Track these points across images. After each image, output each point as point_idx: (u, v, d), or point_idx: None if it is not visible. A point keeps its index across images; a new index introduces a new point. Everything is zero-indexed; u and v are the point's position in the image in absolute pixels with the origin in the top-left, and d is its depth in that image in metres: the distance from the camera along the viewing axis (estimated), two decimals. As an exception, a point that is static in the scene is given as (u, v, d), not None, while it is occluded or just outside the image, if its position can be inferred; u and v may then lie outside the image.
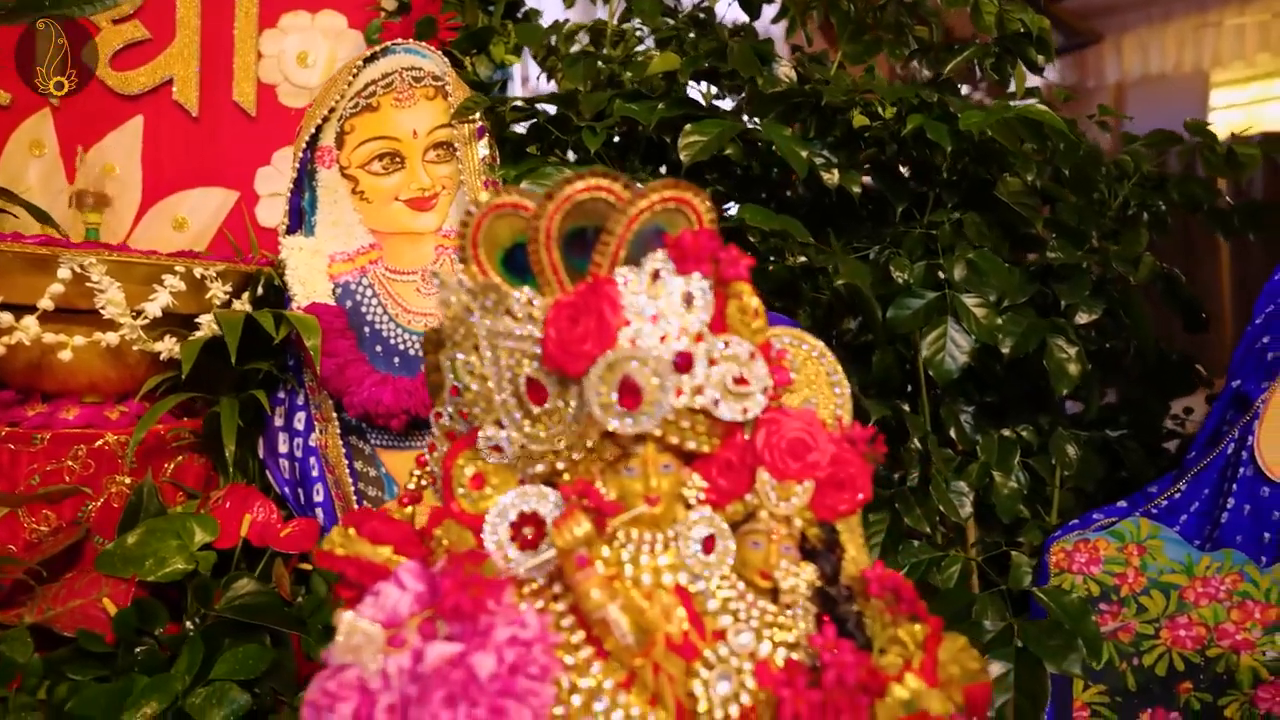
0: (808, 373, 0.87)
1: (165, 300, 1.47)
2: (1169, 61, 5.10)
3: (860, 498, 0.84)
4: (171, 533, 1.47)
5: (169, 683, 1.26)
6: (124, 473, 1.55)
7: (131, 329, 1.46)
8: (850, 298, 1.49)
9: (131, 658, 1.30)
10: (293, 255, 1.56)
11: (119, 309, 1.43)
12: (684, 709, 0.75)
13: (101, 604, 1.34)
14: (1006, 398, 1.76)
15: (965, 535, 1.60)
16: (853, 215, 1.59)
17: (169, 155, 2.04)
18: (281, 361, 1.62)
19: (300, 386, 1.60)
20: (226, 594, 1.43)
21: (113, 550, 1.44)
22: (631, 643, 0.73)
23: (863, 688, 0.76)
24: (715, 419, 0.78)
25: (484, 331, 0.79)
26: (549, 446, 0.78)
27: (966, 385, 1.67)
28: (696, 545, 0.79)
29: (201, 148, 2.05)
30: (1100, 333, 1.85)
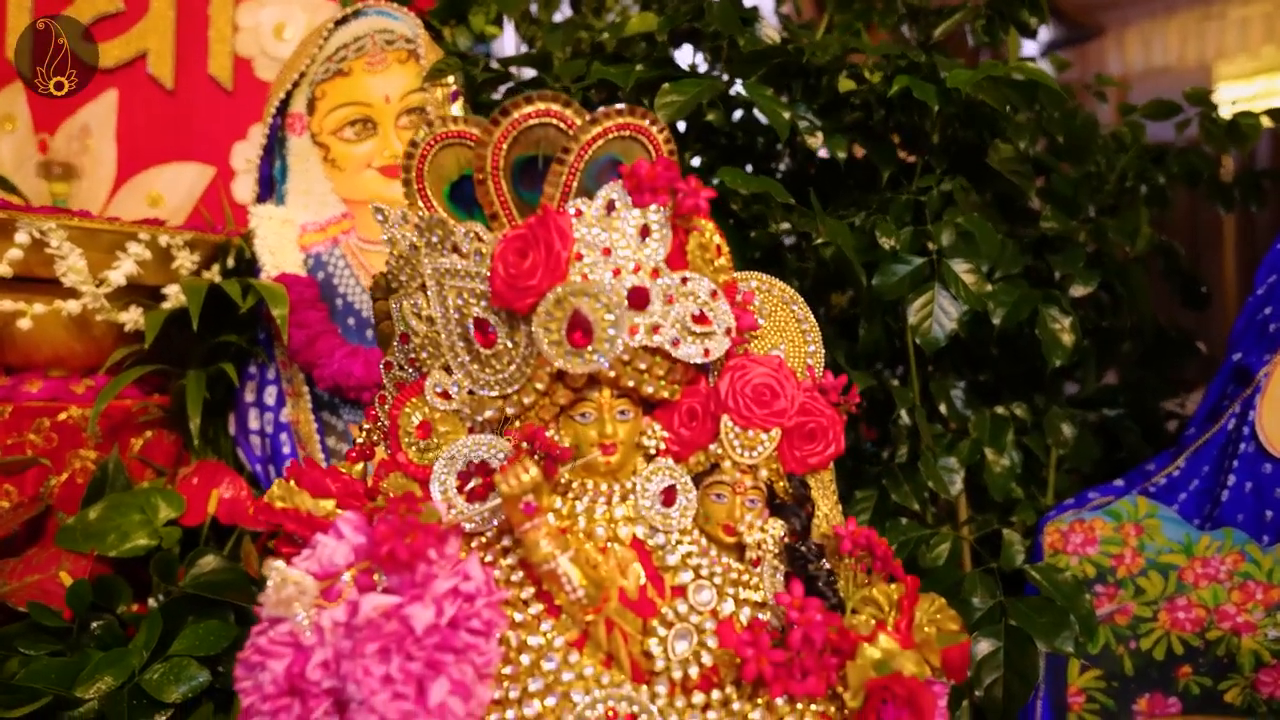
0: (777, 320, 0.82)
1: (129, 269, 1.42)
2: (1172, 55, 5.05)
3: (831, 450, 0.79)
4: (135, 508, 1.42)
5: (125, 658, 1.21)
6: (89, 447, 1.50)
7: (94, 298, 1.41)
8: (836, 268, 1.44)
9: (88, 634, 1.25)
10: (262, 224, 1.52)
11: (80, 276, 1.38)
12: (640, 669, 0.70)
13: (59, 579, 1.29)
14: (1000, 377, 1.71)
15: (956, 514, 1.54)
16: (838, 184, 1.54)
17: (144, 130, 2.00)
18: (252, 335, 1.58)
19: (271, 360, 1.56)
20: (191, 571, 1.38)
21: (73, 525, 1.39)
22: (583, 598, 0.69)
23: (832, 648, 0.71)
24: (675, 362, 0.73)
25: (430, 270, 0.75)
26: (499, 391, 0.73)
27: (958, 361, 1.62)
28: (656, 497, 0.74)
29: (177, 122, 2.00)
30: (1098, 311, 1.80)
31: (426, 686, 0.62)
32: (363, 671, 0.62)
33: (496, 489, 0.67)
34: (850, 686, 0.69)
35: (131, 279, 1.44)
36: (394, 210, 0.76)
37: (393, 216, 0.76)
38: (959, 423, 1.57)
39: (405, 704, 0.61)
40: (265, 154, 1.60)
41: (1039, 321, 1.42)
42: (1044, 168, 1.67)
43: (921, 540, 1.44)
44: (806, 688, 0.68)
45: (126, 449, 1.57)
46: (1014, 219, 1.66)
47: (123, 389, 1.57)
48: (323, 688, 0.66)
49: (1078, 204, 1.60)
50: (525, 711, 0.68)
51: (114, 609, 1.36)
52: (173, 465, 1.61)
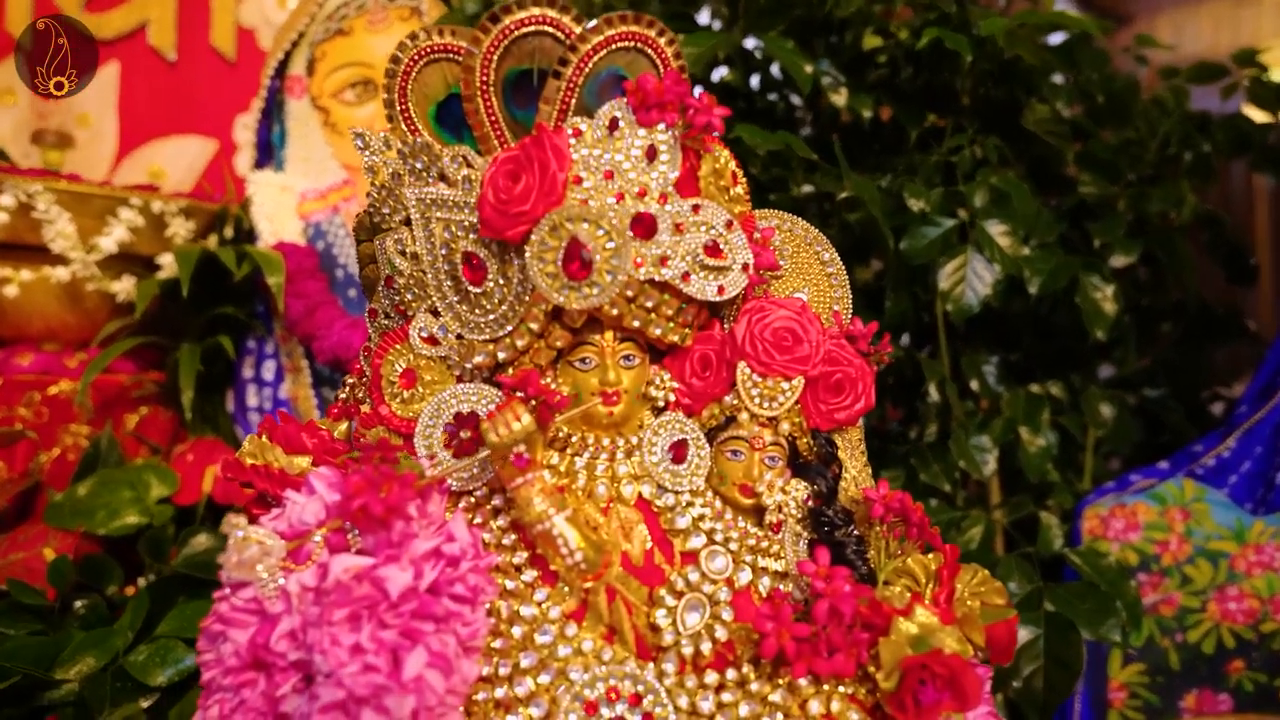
0: (799, 262, 0.74)
1: (121, 236, 1.36)
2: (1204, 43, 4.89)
3: (860, 405, 0.70)
4: (126, 484, 1.36)
5: (109, 638, 1.14)
6: (81, 422, 1.45)
7: (84, 265, 1.36)
8: (862, 233, 1.36)
9: (72, 614, 1.19)
10: (260, 191, 1.46)
11: (68, 242, 1.33)
12: (645, 644, 0.63)
13: (43, 557, 1.24)
14: (1033, 355, 1.61)
15: (988, 496, 1.45)
16: (863, 147, 1.45)
17: (145, 103, 1.95)
18: (250, 308, 1.52)
19: (269, 334, 1.50)
20: (184, 550, 1.32)
21: (62, 501, 1.33)
22: (580, 562, 0.61)
23: (862, 623, 0.63)
24: (686, 301, 0.65)
25: (414, 200, 0.67)
26: (489, 334, 0.66)
27: (990, 337, 1.52)
28: (664, 453, 0.66)
29: (178, 95, 1.95)
30: (1136, 287, 1.70)
31: (401, 658, 0.55)
32: (330, 640, 0.55)
33: (484, 438, 0.60)
34: (883, 665, 0.61)
35: (124, 247, 1.39)
36: (374, 135, 0.68)
37: (373, 142, 0.69)
38: (991, 400, 1.48)
39: (377, 677, 0.54)
40: (263, 118, 1.53)
41: (1079, 290, 1.33)
42: (1082, 132, 1.57)
43: (952, 523, 1.35)
44: (834, 666, 0.60)
45: (121, 425, 1.51)
46: (1049, 186, 1.56)
47: (118, 364, 1.52)
48: (289, 660, 0.58)
49: (1118, 169, 1.50)
50: (516, 690, 0.60)
51: (103, 589, 1.29)
52: (169, 443, 1.56)
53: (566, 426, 0.67)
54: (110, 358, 1.35)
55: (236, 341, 1.53)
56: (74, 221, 1.35)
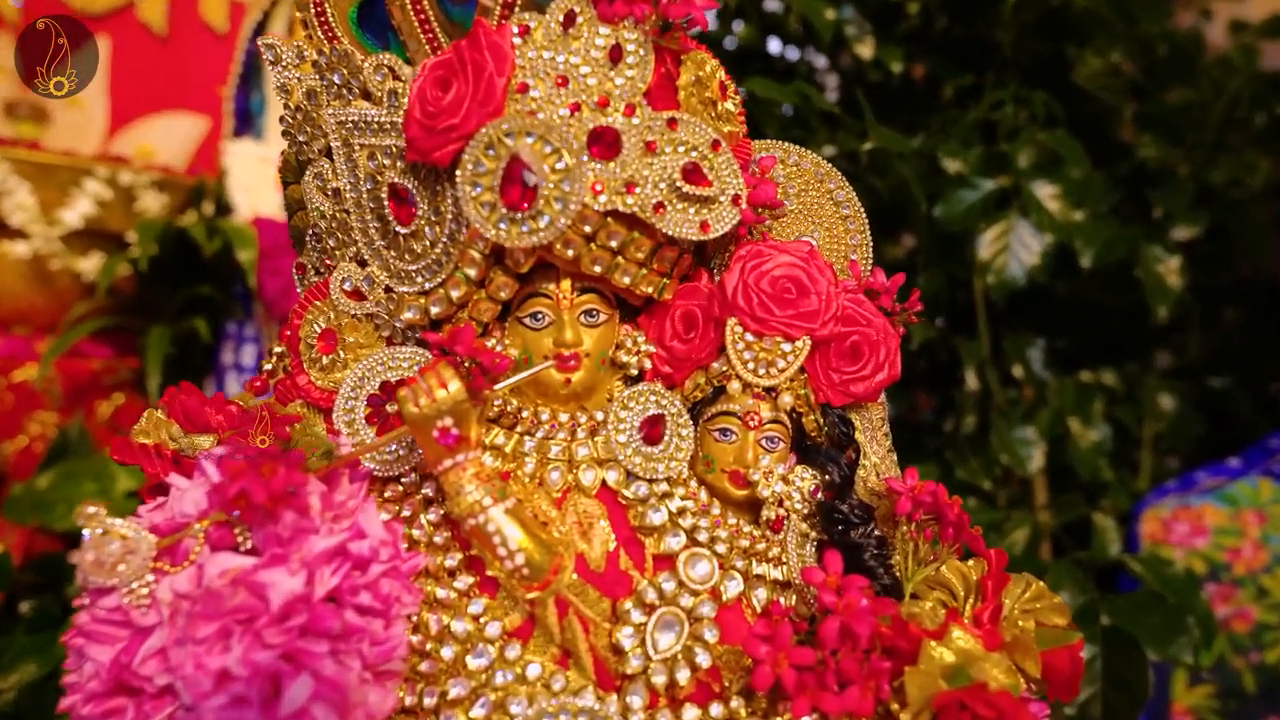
0: (809, 201, 0.61)
1: (86, 209, 1.27)
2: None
3: (883, 375, 0.57)
4: (90, 476, 1.26)
5: (55, 644, 1.04)
6: (49, 409, 1.35)
7: (46, 240, 1.27)
8: (891, 201, 1.22)
9: (15, 617, 1.09)
10: (237, 163, 1.36)
11: (28, 215, 1.24)
12: (607, 670, 0.50)
13: (-6, 554, 1.14)
14: (1083, 341, 1.46)
15: (1032, 496, 1.30)
16: (892, 106, 1.31)
17: (136, 79, 1.86)
18: (230, 288, 1.42)
19: (249, 316, 1.40)
20: (149, 548, 1.21)
21: (20, 494, 1.23)
22: (522, 567, 0.48)
23: (883, 647, 0.49)
24: (662, 241, 0.52)
25: (334, 124, 0.55)
26: (421, 285, 0.54)
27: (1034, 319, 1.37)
28: (635, 432, 0.53)
29: (169, 71, 1.86)
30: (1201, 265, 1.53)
31: (283, 687, 0.43)
32: (193, 663, 0.43)
33: (400, 408, 0.48)
34: (910, 703, 0.47)
35: (91, 222, 1.29)
36: (286, 45, 0.56)
37: (285, 54, 0.57)
38: (1037, 389, 1.33)
39: (247, 713, 0.42)
40: (241, 84, 1.43)
41: (1139, 261, 1.18)
42: (1139, 91, 1.41)
43: (992, 525, 1.20)
44: (846, 703, 0.47)
45: (93, 414, 1.42)
46: (1102, 151, 1.40)
47: (91, 349, 1.42)
48: (158, 685, 0.46)
49: (1181, 130, 1.34)
50: (445, 726, 0.48)
51: (59, 589, 1.19)
52: (145, 433, 1.45)
53: (516, 398, 0.54)
54: (72, 340, 1.26)
55: (215, 324, 1.43)
56: (35, 193, 1.26)
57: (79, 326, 1.27)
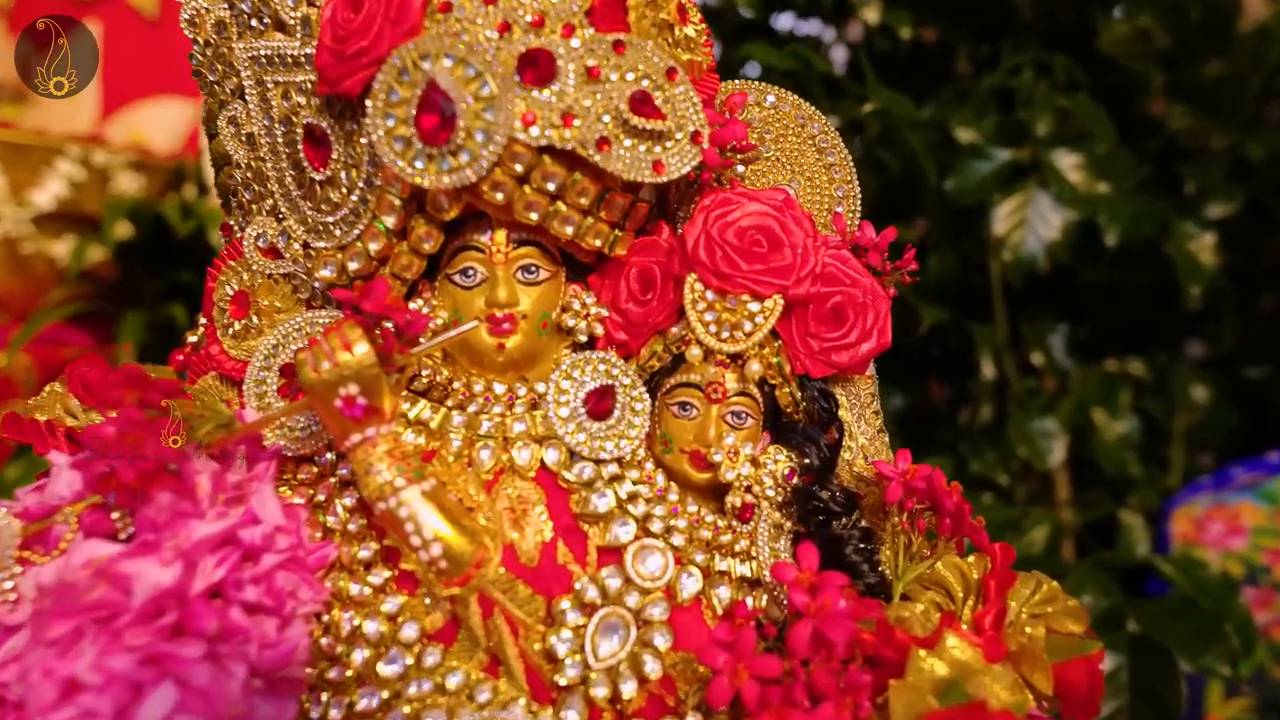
0: (788, 148, 0.53)
1: (58, 190, 1.22)
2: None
3: (871, 343, 0.50)
4: (61, 467, 1.21)
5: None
6: (24, 398, 1.31)
7: (16, 223, 1.22)
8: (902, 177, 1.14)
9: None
10: (216, 142, 1.31)
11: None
12: (541, 680, 0.43)
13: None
14: (1109, 327, 1.36)
15: (1053, 491, 1.21)
16: (902, 77, 1.23)
17: (128, 64, 1.82)
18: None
19: (230, 302, 1.34)
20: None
21: (-13, 487, 1.19)
22: (439, 558, 0.41)
23: (864, 656, 0.42)
24: (610, 186, 0.45)
25: (245, 60, 0.49)
26: (338, 239, 0.47)
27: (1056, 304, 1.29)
28: (579, 405, 0.46)
29: (161, 55, 1.83)
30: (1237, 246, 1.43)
31: (143, 695, 0.36)
32: (40, 670, 0.37)
33: (298, 374, 0.41)
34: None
35: (64, 204, 1.24)
36: (193, -28, 0.50)
37: (191, -19, 0.50)
38: (1059, 378, 1.25)
39: (98, 728, 0.35)
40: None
41: (1170, 238, 1.09)
42: (1169, 61, 1.32)
43: (1009, 523, 1.12)
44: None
45: (71, 403, 1.36)
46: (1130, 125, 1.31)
47: (69, 336, 1.38)
48: (17, 694, 0.40)
49: (1216, 100, 1.24)
50: (353, 743, 0.41)
51: None
52: (126, 424, 1.40)
53: (447, 369, 0.47)
54: (41, 325, 1.21)
55: (194, 311, 1.37)
56: (4, 174, 1.21)
57: (47, 312, 1.22)
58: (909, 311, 1.12)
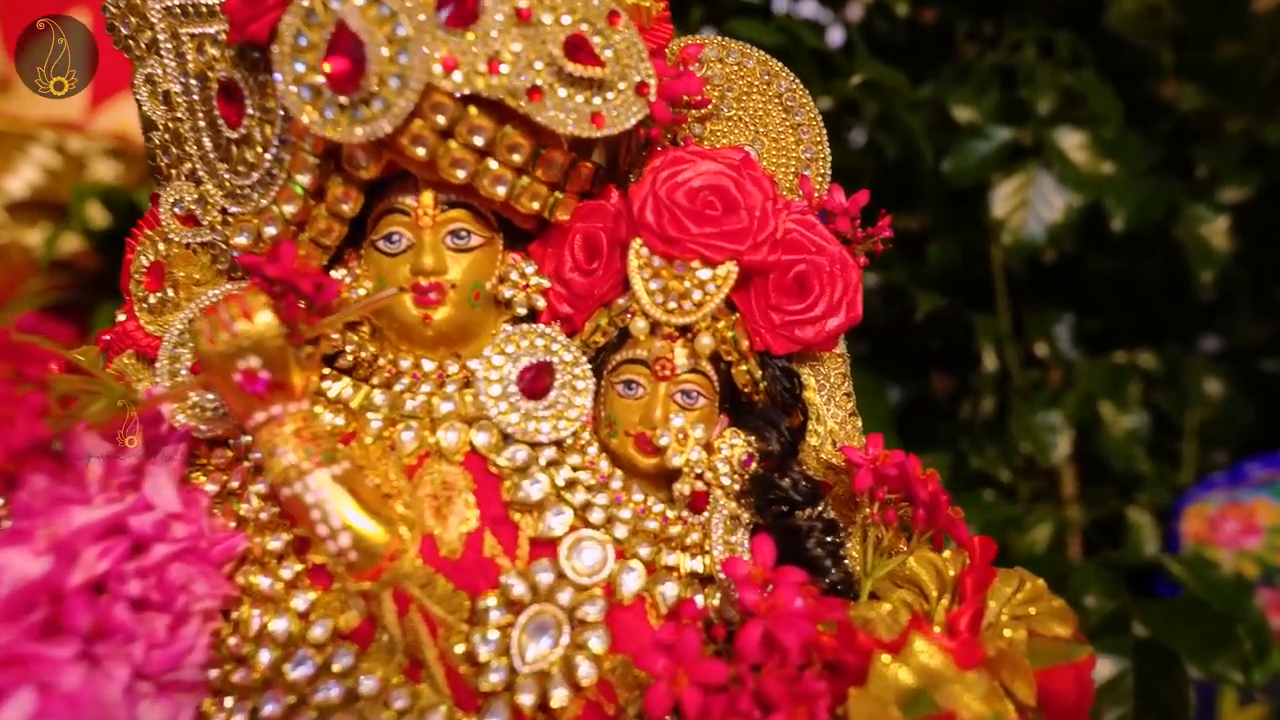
0: (751, 106, 0.49)
1: (31, 177, 1.19)
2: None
3: (839, 318, 0.45)
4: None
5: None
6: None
7: (-11, 209, 1.19)
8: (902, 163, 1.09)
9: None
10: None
11: (-32, 182, 1.16)
12: (465, 685, 0.39)
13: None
14: (1117, 318, 1.31)
15: (1059, 488, 1.16)
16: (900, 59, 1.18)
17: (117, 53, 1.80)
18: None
19: (210, 293, 1.31)
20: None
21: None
22: (348, 549, 0.37)
23: (823, 662, 0.38)
24: (546, 142, 0.41)
25: (159, 11, 0.45)
26: (254, 203, 0.43)
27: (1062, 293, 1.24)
28: (512, 382, 0.42)
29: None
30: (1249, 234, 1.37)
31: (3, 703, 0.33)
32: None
33: (194, 344, 0.37)
34: (857, 735, 0.36)
35: (38, 191, 1.22)
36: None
37: (102, -74, 0.47)
38: (1065, 370, 1.19)
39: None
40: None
41: (1181, 221, 1.04)
42: (1180, 41, 1.26)
43: (1011, 521, 1.06)
44: (769, 734, 0.35)
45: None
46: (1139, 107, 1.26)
47: (48, 329, 1.35)
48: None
49: (1230, 80, 1.19)
50: (256, 754, 0.37)
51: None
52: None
53: (373, 344, 0.43)
54: (15, 315, 1.18)
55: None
56: (-25, 161, 1.18)
57: (20, 303, 1.19)
58: (906, 300, 1.08)
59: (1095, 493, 1.15)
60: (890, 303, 1.25)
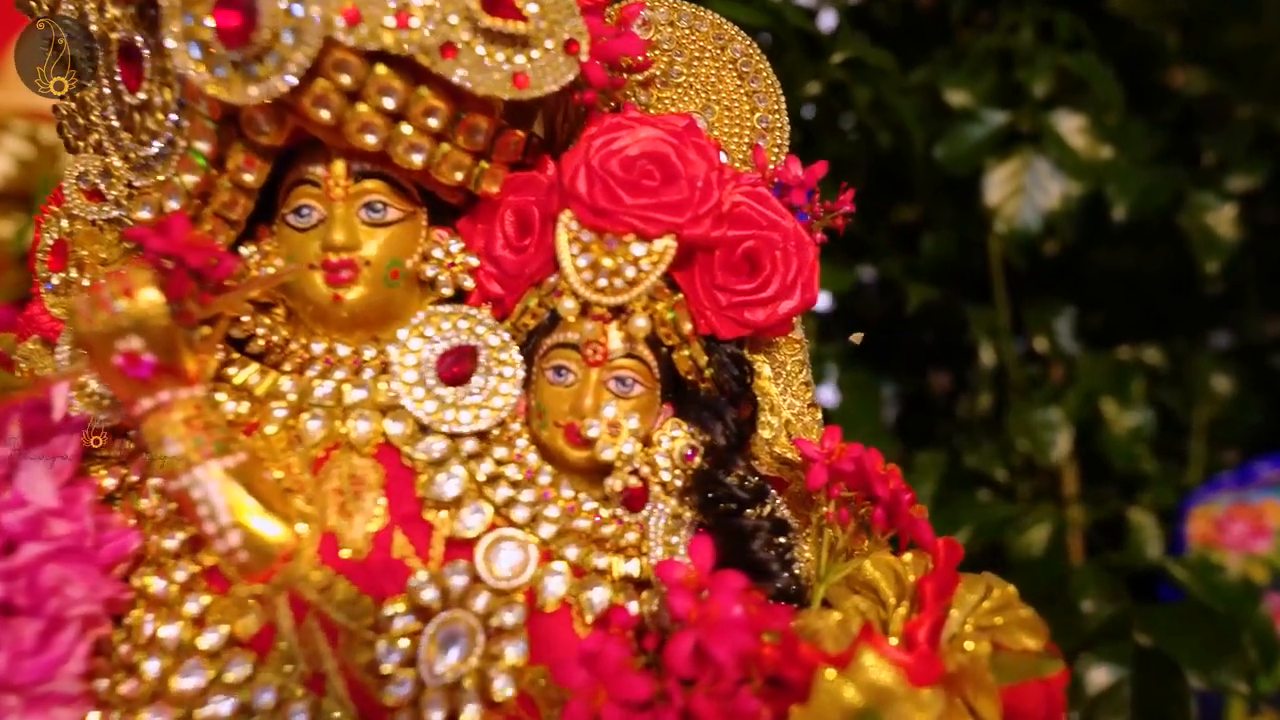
0: (703, 72, 0.45)
1: (4, 167, 1.17)
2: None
3: (793, 301, 0.41)
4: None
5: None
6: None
7: (-42, 200, 1.17)
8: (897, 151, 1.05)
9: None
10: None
11: (-61, 172, 1.14)
12: (372, 699, 0.35)
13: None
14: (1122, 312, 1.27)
15: (1059, 488, 1.12)
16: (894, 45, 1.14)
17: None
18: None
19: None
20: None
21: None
22: (237, 548, 0.34)
23: (764, 676, 0.34)
24: (473, 108, 0.38)
25: (59, -34, 0.42)
26: (158, 174, 0.40)
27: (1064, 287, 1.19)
28: (430, 369, 0.39)
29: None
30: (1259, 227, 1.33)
31: None
32: None
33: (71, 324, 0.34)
34: (798, 759, 0.32)
35: (10, 182, 1.19)
36: None
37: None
38: (1066, 366, 1.15)
39: None
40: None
41: (1185, 210, 0.99)
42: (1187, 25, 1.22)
43: (1007, 521, 1.03)
44: (698, 757, 0.32)
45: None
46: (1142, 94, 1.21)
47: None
48: None
49: (1238, 66, 1.15)
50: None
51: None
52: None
53: (285, 328, 0.40)
54: (-14, 307, 1.15)
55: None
56: (-54, 149, 1.16)
57: (-5, 294, 1.17)
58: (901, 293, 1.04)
59: (1098, 493, 1.10)
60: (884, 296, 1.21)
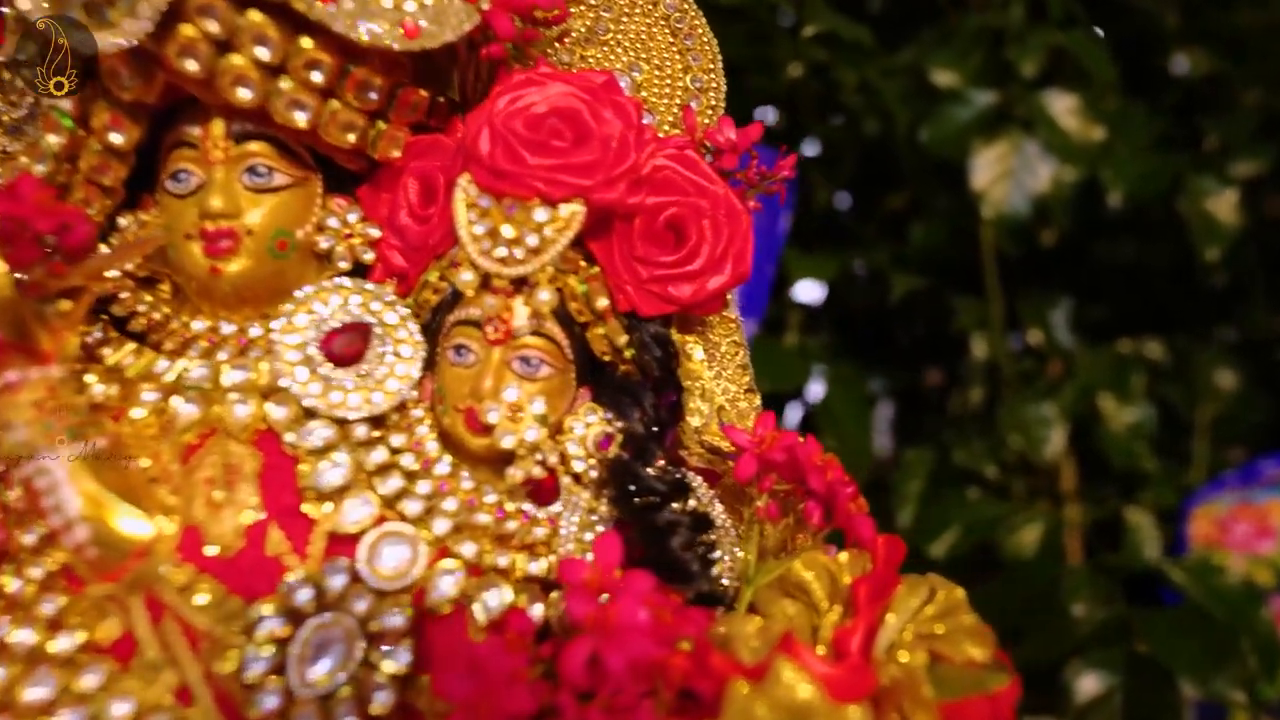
0: (632, 29, 0.42)
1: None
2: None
3: (725, 275, 0.38)
4: None
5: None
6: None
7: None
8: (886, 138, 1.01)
9: None
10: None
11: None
12: (234, 706, 0.32)
13: None
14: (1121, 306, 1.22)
15: (1055, 486, 1.08)
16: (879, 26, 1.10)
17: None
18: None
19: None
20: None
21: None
22: (85, 543, 0.31)
23: (671, 689, 0.30)
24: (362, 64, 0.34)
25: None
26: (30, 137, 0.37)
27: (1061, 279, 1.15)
28: (315, 346, 0.35)
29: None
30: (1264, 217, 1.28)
31: None
32: None
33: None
34: (707, 782, 0.29)
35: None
36: None
37: None
38: (1063, 360, 1.11)
39: None
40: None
41: (1184, 195, 0.95)
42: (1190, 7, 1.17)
43: (999, 520, 0.99)
44: (592, 779, 0.28)
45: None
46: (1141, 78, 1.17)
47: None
48: None
49: (1243, 45, 1.10)
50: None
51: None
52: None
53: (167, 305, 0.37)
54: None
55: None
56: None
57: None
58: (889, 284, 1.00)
59: (1095, 492, 1.06)
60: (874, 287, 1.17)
